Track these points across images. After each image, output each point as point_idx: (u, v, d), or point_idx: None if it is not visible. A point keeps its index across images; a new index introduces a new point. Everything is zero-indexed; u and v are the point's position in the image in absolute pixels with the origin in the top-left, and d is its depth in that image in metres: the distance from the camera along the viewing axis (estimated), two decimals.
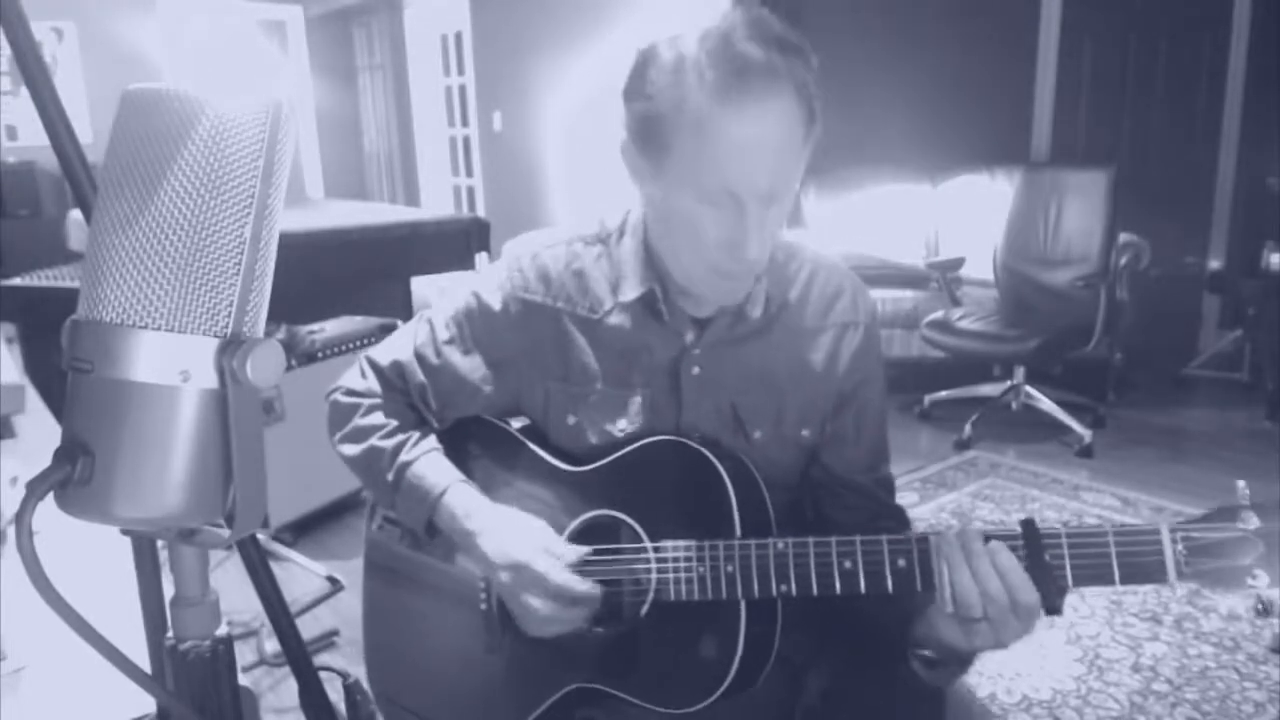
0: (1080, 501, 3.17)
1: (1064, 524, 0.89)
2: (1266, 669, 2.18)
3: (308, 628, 2.34)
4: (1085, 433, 3.63)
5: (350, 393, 1.18)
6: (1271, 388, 3.97)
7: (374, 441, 1.14)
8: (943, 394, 4.04)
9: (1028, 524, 0.88)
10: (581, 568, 1.04)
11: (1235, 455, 3.58)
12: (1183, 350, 4.64)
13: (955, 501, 3.21)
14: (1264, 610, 0.82)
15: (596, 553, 1.06)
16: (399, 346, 1.18)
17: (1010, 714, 2.06)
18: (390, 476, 1.13)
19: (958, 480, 3.40)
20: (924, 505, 3.18)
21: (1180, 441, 3.76)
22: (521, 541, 1.04)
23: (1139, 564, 0.84)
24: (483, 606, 1.14)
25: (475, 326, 1.14)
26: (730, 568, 0.97)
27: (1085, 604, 2.49)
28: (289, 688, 2.07)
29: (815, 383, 1.11)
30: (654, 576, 1.02)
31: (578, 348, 1.11)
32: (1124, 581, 0.85)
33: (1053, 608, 0.86)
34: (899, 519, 1.17)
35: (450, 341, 1.15)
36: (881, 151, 4.39)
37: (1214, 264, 4.67)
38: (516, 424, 1.20)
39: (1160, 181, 4.49)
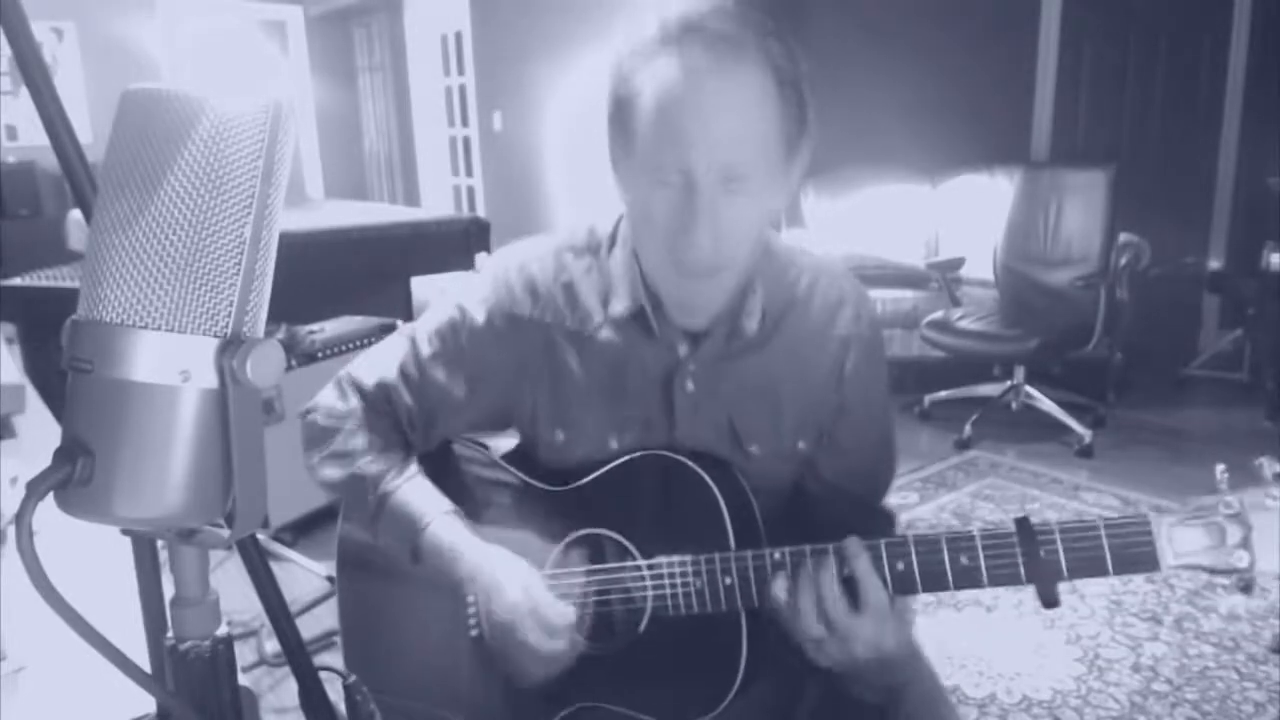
0: (1080, 501, 3.17)
1: (1058, 519, 0.91)
2: (1266, 669, 2.18)
3: (308, 628, 2.33)
4: (1085, 433, 3.63)
5: (330, 414, 1.13)
6: (1271, 387, 3.97)
7: (358, 466, 1.09)
8: (943, 394, 4.04)
9: (1021, 522, 0.89)
10: (572, 592, 1.02)
11: (1235, 455, 3.57)
12: (1183, 350, 4.63)
13: (955, 501, 3.21)
14: (1245, 587, 0.88)
15: (588, 573, 1.03)
16: (381, 365, 1.13)
17: (1010, 714, 2.05)
18: (373, 502, 1.08)
19: (958, 480, 3.40)
20: (924, 505, 3.18)
21: (1180, 441, 3.75)
22: (511, 586, 1.00)
23: (1131, 554, 0.86)
24: (473, 634, 1.10)
25: (460, 340, 1.09)
26: (728, 580, 0.96)
27: (1085, 604, 2.49)
28: (289, 688, 2.07)
29: (814, 395, 1.07)
30: (650, 593, 1.00)
31: (567, 363, 1.06)
32: (1117, 572, 0.87)
33: (1050, 600, 0.88)
34: (881, 518, 1.15)
35: (434, 356, 1.10)
36: (881, 151, 4.38)
37: (1214, 264, 4.67)
38: (501, 449, 1.17)
39: (1160, 181, 4.48)
